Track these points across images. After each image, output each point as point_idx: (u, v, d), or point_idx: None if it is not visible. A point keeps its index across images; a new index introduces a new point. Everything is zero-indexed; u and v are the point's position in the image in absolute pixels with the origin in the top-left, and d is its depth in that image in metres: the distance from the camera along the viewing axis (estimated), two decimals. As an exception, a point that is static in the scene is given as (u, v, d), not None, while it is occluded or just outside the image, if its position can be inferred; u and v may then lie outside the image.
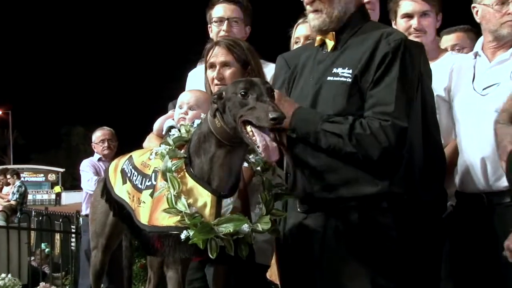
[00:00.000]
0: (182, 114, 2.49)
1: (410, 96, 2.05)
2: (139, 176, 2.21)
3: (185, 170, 2.03)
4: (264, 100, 1.85)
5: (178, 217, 1.96)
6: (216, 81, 2.55)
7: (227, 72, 2.54)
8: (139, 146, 2.69)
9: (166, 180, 2.00)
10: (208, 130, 2.00)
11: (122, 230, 2.51)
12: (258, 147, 1.84)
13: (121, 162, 2.41)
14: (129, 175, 2.28)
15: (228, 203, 2.00)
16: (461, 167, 2.43)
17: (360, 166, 2.01)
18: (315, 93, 2.11)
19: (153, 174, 2.12)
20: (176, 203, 1.96)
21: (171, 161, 2.04)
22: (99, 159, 5.97)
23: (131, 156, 2.36)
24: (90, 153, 6.26)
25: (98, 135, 6.00)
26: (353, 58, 2.06)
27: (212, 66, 2.57)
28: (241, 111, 1.88)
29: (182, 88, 3.02)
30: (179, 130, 2.17)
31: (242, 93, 1.89)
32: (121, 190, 2.31)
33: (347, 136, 1.98)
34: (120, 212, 2.33)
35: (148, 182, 2.14)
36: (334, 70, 2.08)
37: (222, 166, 1.97)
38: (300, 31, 3.12)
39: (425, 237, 2.08)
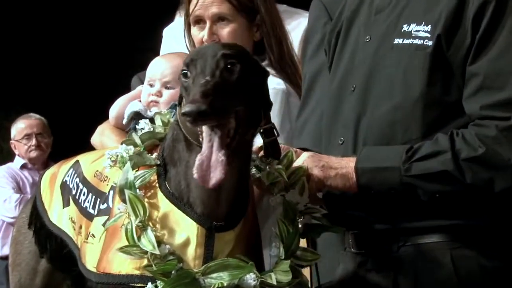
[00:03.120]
0: (153, 96, 2.53)
1: None
2: (89, 194, 2.23)
3: (157, 185, 2.04)
4: (197, 82, 1.87)
5: (144, 261, 1.96)
6: None
7: (225, 30, 2.61)
8: (87, 145, 2.75)
9: (125, 201, 2.01)
10: (176, 124, 2.05)
11: (64, 281, 2.54)
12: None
13: (62, 171, 2.42)
14: (74, 192, 2.30)
15: (226, 240, 2.00)
16: None
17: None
18: (372, 65, 2.13)
19: (112, 191, 2.13)
20: (139, 238, 1.96)
21: (137, 170, 2.05)
22: (23, 166, 6.01)
23: (77, 162, 2.38)
24: (7, 155, 6.26)
25: (21, 127, 6.04)
26: (431, 7, 2.09)
27: (199, 21, 2.63)
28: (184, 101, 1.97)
29: (155, 53, 3.06)
30: (152, 121, 2.18)
31: (184, 71, 1.94)
32: (61, 217, 2.34)
33: (455, 168, 1.98)
34: (57, 252, 2.35)
35: (103, 204, 2.16)
36: (405, 28, 2.10)
37: None
38: None
39: None
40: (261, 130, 2.06)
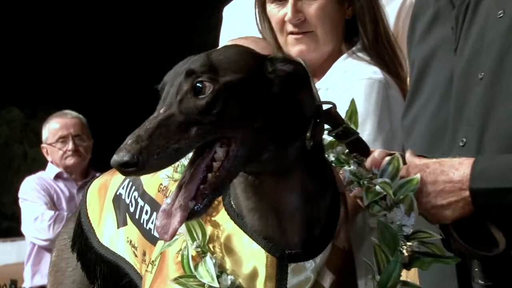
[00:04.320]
0: None
1: None
2: (154, 214, 2.28)
3: (222, 202, 2.05)
4: (152, 116, 1.80)
5: None
6: (290, 27, 2.69)
7: (312, 7, 2.67)
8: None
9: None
10: None
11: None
12: None
13: (115, 181, 2.48)
14: (132, 209, 2.38)
15: (302, 275, 1.99)
16: None
17: None
18: (505, 48, 2.10)
19: None
20: (196, 267, 1.97)
21: None
22: (58, 176, 5.96)
23: None
24: (34, 163, 6.24)
25: (54, 128, 5.99)
26: None
27: None
28: None
29: (213, 41, 3.17)
30: None
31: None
32: (115, 239, 2.40)
33: None
34: (114, 282, 2.41)
35: None
36: None
37: (253, 210, 1.99)
38: None
39: None
40: (333, 135, 2.04)
